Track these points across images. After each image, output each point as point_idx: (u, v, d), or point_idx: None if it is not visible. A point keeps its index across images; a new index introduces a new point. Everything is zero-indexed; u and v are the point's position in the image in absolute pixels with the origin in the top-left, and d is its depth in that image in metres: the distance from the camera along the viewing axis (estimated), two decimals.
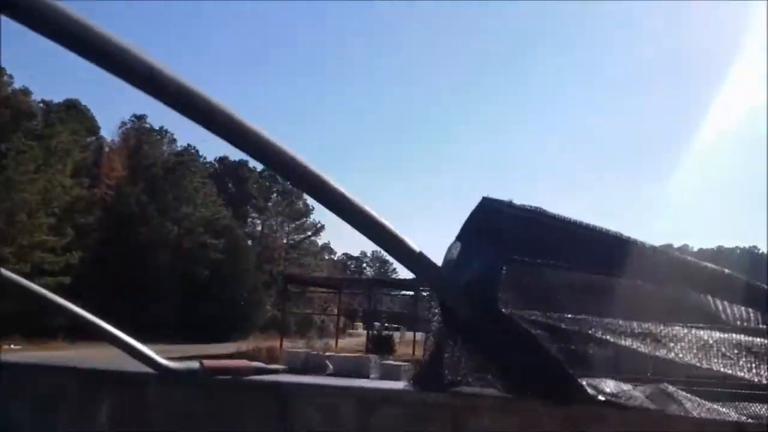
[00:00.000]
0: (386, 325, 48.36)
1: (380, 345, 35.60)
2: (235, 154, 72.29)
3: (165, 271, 43.32)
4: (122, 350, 1.74)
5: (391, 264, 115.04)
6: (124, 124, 51.54)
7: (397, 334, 43.94)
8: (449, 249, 2.06)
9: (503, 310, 1.82)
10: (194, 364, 1.67)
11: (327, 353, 28.21)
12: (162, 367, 1.71)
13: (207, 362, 1.70)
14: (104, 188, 44.63)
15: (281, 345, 36.99)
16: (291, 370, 2.03)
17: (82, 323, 1.87)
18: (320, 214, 75.60)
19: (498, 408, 1.78)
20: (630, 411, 1.79)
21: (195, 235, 48.38)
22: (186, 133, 68.29)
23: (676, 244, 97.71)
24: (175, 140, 55.28)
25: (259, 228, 69.84)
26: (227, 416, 1.76)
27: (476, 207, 2.06)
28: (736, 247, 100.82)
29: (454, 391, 1.83)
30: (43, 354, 23.77)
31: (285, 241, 70.50)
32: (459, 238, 2.06)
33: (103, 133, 49.82)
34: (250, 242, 61.12)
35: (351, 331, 58.52)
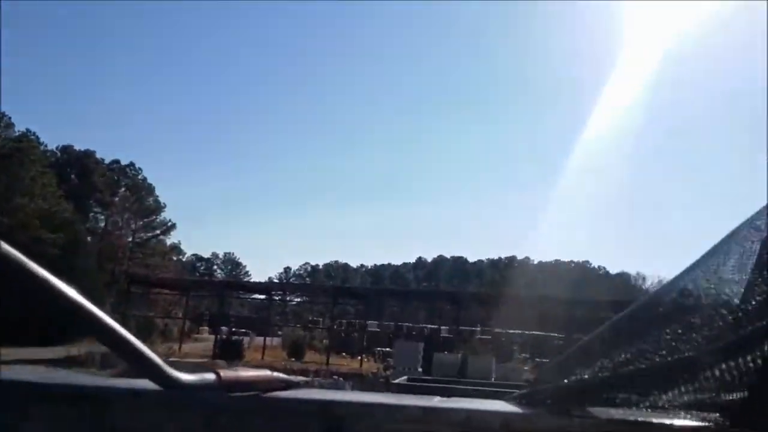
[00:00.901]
0: (234, 329, 47.42)
1: (228, 350, 35.09)
2: (81, 143, 67.94)
3: None
4: (118, 354, 1.11)
5: (244, 267, 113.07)
6: None
7: (246, 339, 43.36)
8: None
9: None
10: (209, 377, 1.22)
11: (170, 359, 27.37)
12: (171, 380, 1.16)
13: (224, 373, 1.24)
14: None
15: None
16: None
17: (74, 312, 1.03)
18: (172, 212, 72.80)
19: None
20: None
21: (30, 228, 44.78)
22: (25, 118, 63.11)
23: (519, 257, 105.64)
24: (12, 125, 50.86)
25: (103, 224, 65.88)
26: None
27: None
28: (571, 260, 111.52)
29: (608, 415, 1.19)
30: None
31: (131, 239, 66.95)
32: None
33: None
34: (90, 239, 57.52)
35: (197, 335, 56.73)
